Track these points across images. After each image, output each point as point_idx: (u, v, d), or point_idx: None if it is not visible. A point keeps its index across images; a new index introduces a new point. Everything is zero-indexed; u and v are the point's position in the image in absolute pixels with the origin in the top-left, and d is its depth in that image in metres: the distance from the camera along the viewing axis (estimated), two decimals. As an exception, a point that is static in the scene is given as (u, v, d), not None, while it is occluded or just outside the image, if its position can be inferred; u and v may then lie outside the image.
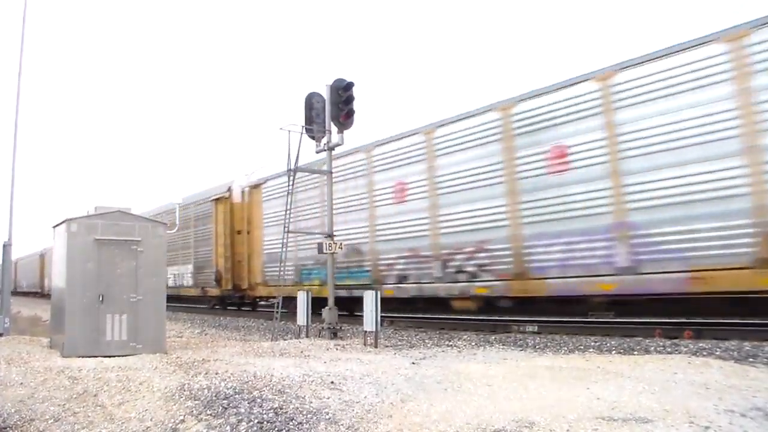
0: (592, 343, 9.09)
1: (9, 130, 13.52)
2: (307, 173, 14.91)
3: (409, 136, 13.44)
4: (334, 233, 12.54)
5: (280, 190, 17.45)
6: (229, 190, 20.47)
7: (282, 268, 12.97)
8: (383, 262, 13.76)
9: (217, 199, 21.08)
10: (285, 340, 11.34)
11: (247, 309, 21.90)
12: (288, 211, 12.80)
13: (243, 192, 20.03)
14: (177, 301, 24.12)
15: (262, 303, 21.01)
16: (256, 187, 19.17)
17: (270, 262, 17.77)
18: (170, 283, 23.40)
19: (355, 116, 12.24)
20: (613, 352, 8.33)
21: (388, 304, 12.85)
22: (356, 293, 12.68)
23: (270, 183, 18.31)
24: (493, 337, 10.66)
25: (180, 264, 23.82)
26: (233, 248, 20.15)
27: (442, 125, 12.69)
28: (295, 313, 12.97)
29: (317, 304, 12.71)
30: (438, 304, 12.89)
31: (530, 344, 9.60)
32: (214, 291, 21.13)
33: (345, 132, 12.31)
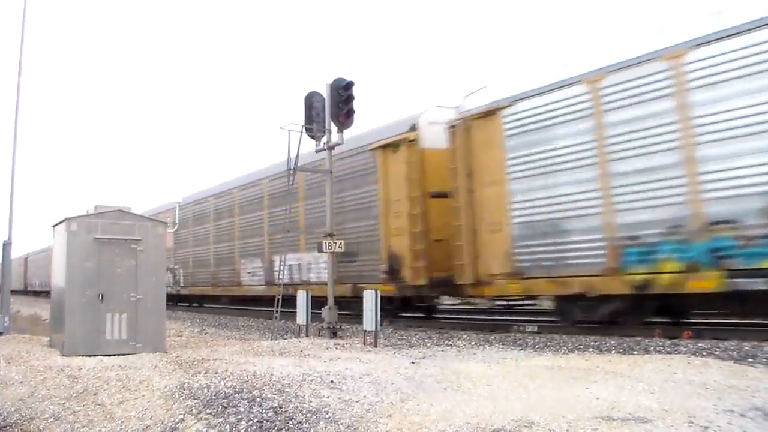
0: (592, 343, 9.08)
1: (9, 128, 13.53)
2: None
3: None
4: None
5: (541, 116, 10.57)
6: (414, 128, 13.31)
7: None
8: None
9: (385, 146, 13.84)
10: (285, 339, 11.35)
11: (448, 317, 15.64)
12: (289, 211, 12.80)
13: (452, 127, 12.27)
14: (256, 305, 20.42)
15: (501, 303, 14.99)
16: (485, 116, 11.56)
17: (527, 239, 10.73)
18: (245, 280, 19.64)
19: (355, 115, 12.23)
20: (613, 351, 8.33)
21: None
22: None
23: (521, 106, 10.91)
24: (493, 337, 10.66)
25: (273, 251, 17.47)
26: (426, 220, 13.03)
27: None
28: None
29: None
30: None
31: (530, 344, 9.60)
32: (386, 288, 13.24)
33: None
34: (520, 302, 14.77)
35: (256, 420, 5.03)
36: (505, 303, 14.98)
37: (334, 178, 13.00)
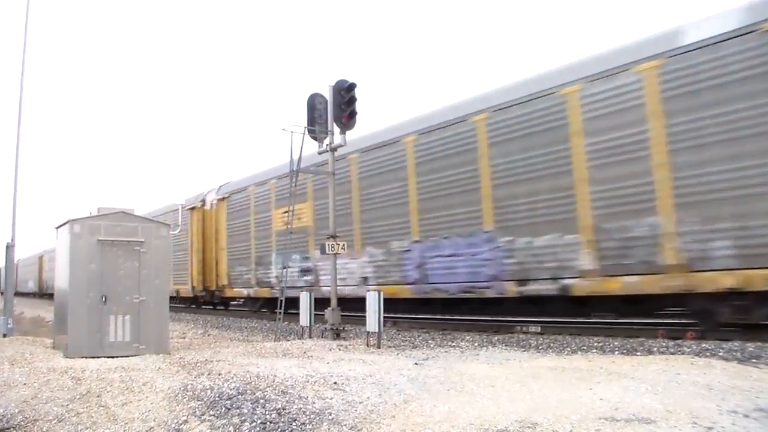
0: (595, 344, 9.07)
1: (12, 130, 13.57)
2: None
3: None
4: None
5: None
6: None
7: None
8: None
9: None
10: (288, 340, 11.35)
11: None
12: (291, 211, 12.83)
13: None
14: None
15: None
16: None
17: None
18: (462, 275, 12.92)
19: (357, 117, 12.25)
20: (616, 352, 8.32)
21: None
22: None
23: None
24: (496, 338, 10.65)
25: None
26: None
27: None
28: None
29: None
30: None
31: (533, 345, 9.59)
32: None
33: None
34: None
35: (259, 421, 5.04)
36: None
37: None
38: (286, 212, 15.07)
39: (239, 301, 21.16)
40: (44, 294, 47.39)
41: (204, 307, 23.94)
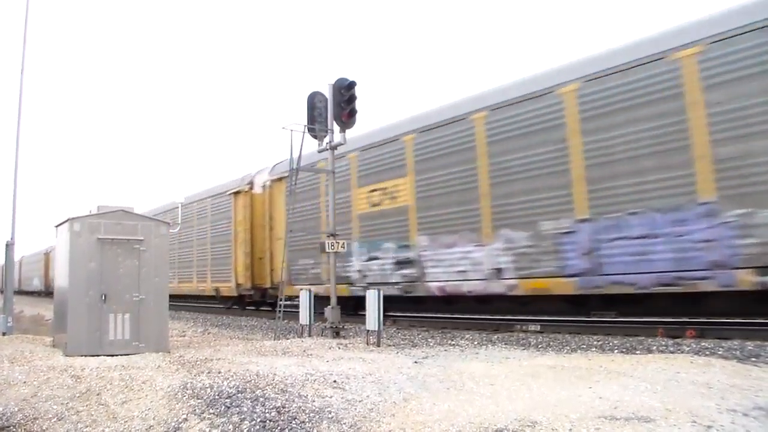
0: (595, 343, 9.08)
1: (12, 128, 13.56)
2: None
3: None
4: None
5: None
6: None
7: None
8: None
9: None
10: (288, 339, 11.36)
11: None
12: (291, 209, 12.81)
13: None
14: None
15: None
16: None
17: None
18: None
19: (357, 115, 12.24)
20: (616, 351, 8.32)
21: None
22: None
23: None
24: (496, 337, 10.66)
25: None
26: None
27: None
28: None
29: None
30: None
31: (533, 343, 9.59)
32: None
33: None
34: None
35: (259, 420, 5.04)
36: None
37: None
38: (373, 191, 13.47)
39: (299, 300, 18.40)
40: (51, 293, 44.41)
41: (249, 308, 20.79)
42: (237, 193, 19.40)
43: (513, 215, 10.84)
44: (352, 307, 14.92)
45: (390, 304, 12.52)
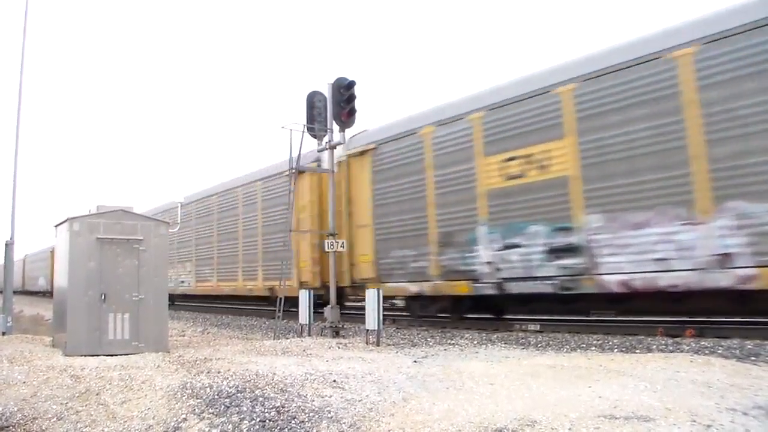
0: (594, 342, 9.08)
1: (11, 128, 13.55)
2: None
3: None
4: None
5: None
6: None
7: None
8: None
9: None
10: (287, 338, 11.36)
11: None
12: (292, 212, 12.81)
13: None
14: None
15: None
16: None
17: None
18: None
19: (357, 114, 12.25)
20: (615, 350, 8.32)
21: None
22: None
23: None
24: (495, 336, 10.65)
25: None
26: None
27: None
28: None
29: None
30: None
31: (532, 343, 9.59)
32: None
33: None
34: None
35: (258, 419, 5.04)
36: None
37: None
38: (509, 159, 10.70)
39: (392, 302, 14.95)
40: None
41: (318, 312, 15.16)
42: (299, 173, 15.43)
43: (751, 181, 8.08)
44: (472, 308, 12.61)
45: (536, 304, 11.06)
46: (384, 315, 10.70)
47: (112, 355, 8.83)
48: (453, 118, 11.91)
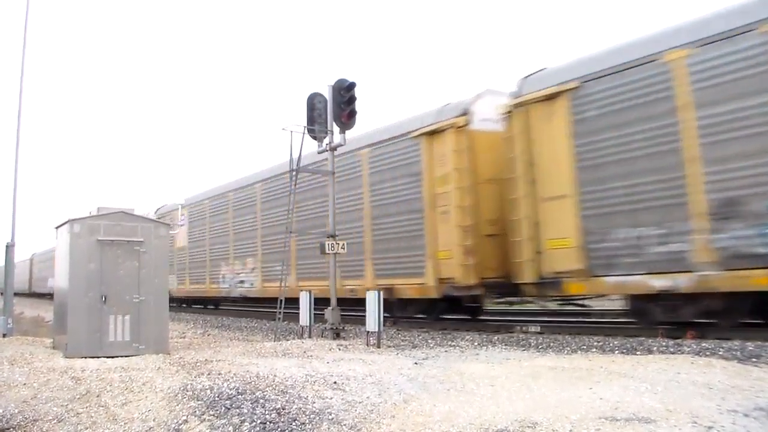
0: (595, 343, 9.06)
1: (12, 130, 13.56)
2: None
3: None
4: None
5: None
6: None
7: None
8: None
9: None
10: (288, 340, 11.35)
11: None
12: (291, 211, 12.79)
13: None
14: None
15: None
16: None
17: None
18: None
19: (357, 116, 12.22)
20: (616, 352, 8.31)
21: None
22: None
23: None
24: (496, 337, 10.64)
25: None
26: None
27: None
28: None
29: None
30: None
31: (533, 344, 9.58)
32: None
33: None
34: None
35: (259, 421, 5.04)
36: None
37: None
38: None
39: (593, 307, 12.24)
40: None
41: (457, 317, 13.49)
42: (433, 133, 12.33)
43: None
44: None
45: None
46: (385, 317, 10.59)
47: (112, 357, 8.83)
48: (729, 34, 8.26)
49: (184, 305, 25.63)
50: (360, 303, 12.18)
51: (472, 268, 11.44)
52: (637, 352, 8.07)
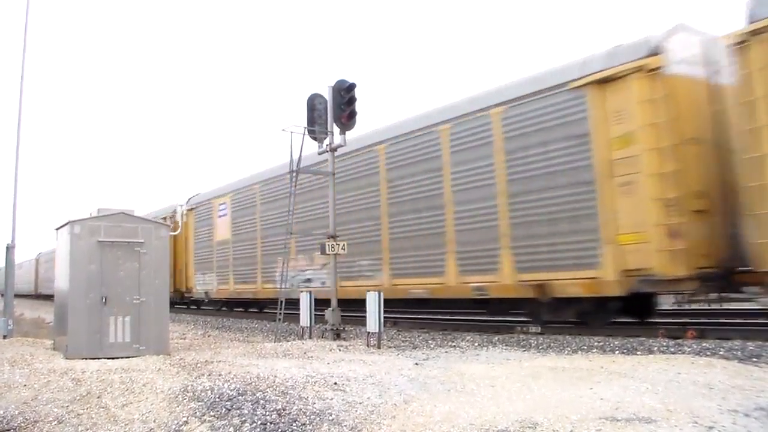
0: (596, 344, 9.06)
1: (12, 131, 13.58)
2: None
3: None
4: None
5: None
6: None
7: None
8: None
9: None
10: (288, 341, 11.35)
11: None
12: (291, 211, 12.79)
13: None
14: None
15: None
16: None
17: None
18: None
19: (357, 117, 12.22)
20: (617, 352, 8.31)
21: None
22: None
23: None
24: (497, 338, 10.64)
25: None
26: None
27: None
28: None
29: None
30: None
31: (533, 345, 9.58)
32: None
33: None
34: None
35: (259, 422, 5.03)
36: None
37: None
38: None
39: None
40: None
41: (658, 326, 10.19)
42: (605, 81, 9.36)
43: None
44: None
45: None
46: (385, 317, 10.63)
47: (113, 358, 8.82)
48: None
49: (224, 308, 22.36)
50: (482, 305, 10.87)
51: (682, 254, 8.56)
52: (638, 352, 8.06)
